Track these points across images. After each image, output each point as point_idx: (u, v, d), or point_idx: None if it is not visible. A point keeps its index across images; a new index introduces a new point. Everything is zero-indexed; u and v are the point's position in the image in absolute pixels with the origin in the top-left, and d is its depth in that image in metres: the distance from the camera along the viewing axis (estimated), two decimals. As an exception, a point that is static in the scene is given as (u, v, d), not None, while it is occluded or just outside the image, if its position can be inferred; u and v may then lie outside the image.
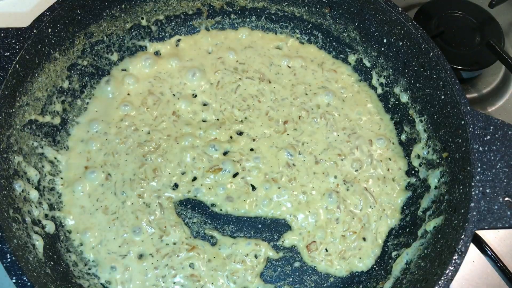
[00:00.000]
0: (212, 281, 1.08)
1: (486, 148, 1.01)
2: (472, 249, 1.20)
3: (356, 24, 1.32)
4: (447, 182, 1.09)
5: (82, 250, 1.09)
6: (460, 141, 1.05)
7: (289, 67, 1.36)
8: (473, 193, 0.96)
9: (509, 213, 0.96)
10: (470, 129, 1.02)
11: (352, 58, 1.37)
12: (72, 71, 1.23)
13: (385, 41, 1.27)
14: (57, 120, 1.19)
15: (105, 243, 1.10)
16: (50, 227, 1.07)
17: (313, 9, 1.37)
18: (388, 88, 1.31)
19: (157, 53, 1.36)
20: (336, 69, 1.37)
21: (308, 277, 1.12)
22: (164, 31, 1.38)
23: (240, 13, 1.41)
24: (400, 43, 1.23)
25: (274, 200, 1.18)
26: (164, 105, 1.28)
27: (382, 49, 1.29)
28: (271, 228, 1.17)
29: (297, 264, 1.13)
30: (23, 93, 1.08)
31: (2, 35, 1.04)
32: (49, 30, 1.11)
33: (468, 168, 0.99)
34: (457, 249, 0.92)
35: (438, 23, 1.49)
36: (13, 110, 1.05)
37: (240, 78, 1.33)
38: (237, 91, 1.32)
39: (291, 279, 1.12)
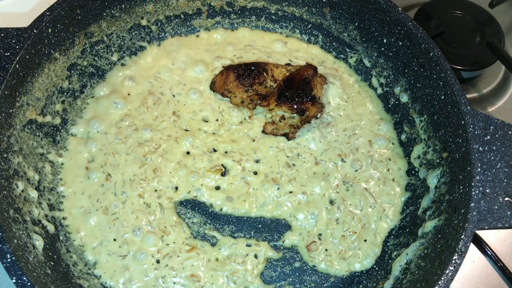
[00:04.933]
0: (212, 281, 1.08)
1: (486, 148, 1.01)
2: (472, 249, 1.20)
3: (356, 24, 1.32)
4: (447, 182, 1.09)
5: (82, 250, 1.09)
6: (460, 141, 1.05)
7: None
8: (473, 193, 0.96)
9: (509, 213, 0.96)
10: (470, 129, 1.02)
11: (352, 58, 1.37)
12: (72, 71, 1.23)
13: (385, 41, 1.27)
14: (57, 120, 1.19)
15: (105, 243, 1.10)
16: (50, 227, 1.07)
17: (313, 9, 1.37)
18: (388, 88, 1.32)
19: (157, 54, 1.36)
20: (337, 68, 1.37)
21: (308, 277, 1.12)
22: (164, 31, 1.38)
23: (240, 13, 1.41)
24: (400, 43, 1.23)
25: (274, 200, 1.18)
26: (164, 105, 1.28)
27: (382, 49, 1.29)
28: (271, 228, 1.17)
29: (297, 264, 1.13)
30: (23, 93, 1.08)
31: (2, 35, 1.04)
32: (49, 30, 1.11)
33: (468, 168, 0.99)
34: (457, 249, 0.92)
35: (438, 23, 1.49)
36: (13, 110, 1.05)
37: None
38: (237, 91, 1.32)
39: (291, 279, 1.12)
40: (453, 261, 0.92)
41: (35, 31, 1.07)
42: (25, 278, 0.85)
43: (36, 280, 0.89)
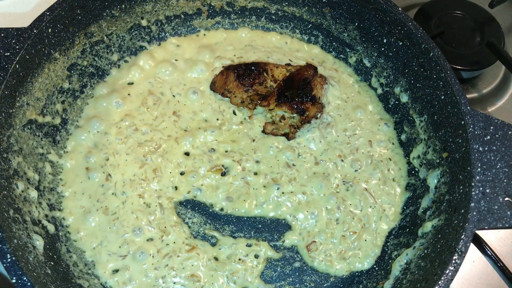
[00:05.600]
0: (212, 281, 1.08)
1: (486, 148, 1.01)
2: (472, 249, 1.20)
3: (356, 24, 1.32)
4: (447, 182, 1.09)
5: (82, 251, 1.09)
6: (460, 141, 1.05)
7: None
8: (473, 193, 0.96)
9: (509, 213, 0.96)
10: (470, 129, 1.02)
11: (352, 58, 1.37)
12: (72, 71, 1.23)
13: (385, 41, 1.27)
14: (57, 120, 1.19)
15: (105, 243, 1.10)
16: (50, 227, 1.07)
17: (313, 9, 1.37)
18: (388, 88, 1.32)
19: (157, 54, 1.36)
20: (337, 68, 1.37)
21: (308, 277, 1.12)
22: (164, 31, 1.38)
23: (240, 13, 1.41)
24: (400, 43, 1.23)
25: (274, 200, 1.18)
26: (164, 105, 1.28)
27: (382, 49, 1.29)
28: (271, 228, 1.17)
29: (297, 264, 1.14)
30: (23, 93, 1.08)
31: (2, 35, 1.04)
32: (49, 30, 1.11)
33: (468, 168, 0.99)
34: (457, 249, 0.92)
35: (438, 23, 1.49)
36: (13, 110, 1.05)
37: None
38: (237, 91, 1.31)
39: (291, 279, 1.12)
40: (453, 261, 0.92)
41: (35, 31, 1.07)
42: (25, 278, 0.85)
43: (36, 280, 0.89)
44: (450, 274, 0.91)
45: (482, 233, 1.20)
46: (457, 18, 1.52)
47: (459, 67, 1.42)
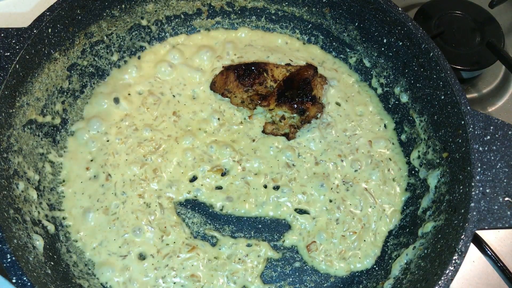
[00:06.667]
0: (212, 281, 1.08)
1: (486, 148, 1.01)
2: (472, 249, 1.20)
3: (356, 24, 1.32)
4: (447, 182, 1.09)
5: (82, 251, 1.09)
6: (460, 141, 1.05)
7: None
8: (473, 193, 0.97)
9: (509, 213, 0.96)
10: (470, 129, 1.02)
11: (352, 58, 1.37)
12: (72, 71, 1.23)
13: (385, 41, 1.27)
14: (57, 120, 1.19)
15: (105, 243, 1.10)
16: (50, 227, 1.07)
17: (313, 9, 1.37)
18: (388, 88, 1.32)
19: (157, 54, 1.36)
20: (337, 68, 1.37)
21: (308, 277, 1.12)
22: (164, 31, 1.38)
23: (240, 13, 1.41)
24: (400, 43, 1.23)
25: (274, 200, 1.18)
26: (165, 105, 1.28)
27: (382, 49, 1.29)
28: (271, 228, 1.17)
29: (297, 264, 1.14)
30: (23, 93, 1.08)
31: (2, 35, 1.04)
32: (49, 30, 1.11)
33: (468, 168, 1.00)
34: (457, 249, 0.92)
35: (438, 23, 1.49)
36: (13, 110, 1.05)
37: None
38: (237, 91, 1.31)
39: (291, 279, 1.12)
40: (453, 261, 0.92)
41: (35, 31, 1.07)
42: (25, 278, 0.85)
43: (36, 280, 0.89)
44: (450, 274, 0.91)
45: (482, 233, 1.20)
46: (457, 18, 1.52)
47: (459, 67, 1.42)
